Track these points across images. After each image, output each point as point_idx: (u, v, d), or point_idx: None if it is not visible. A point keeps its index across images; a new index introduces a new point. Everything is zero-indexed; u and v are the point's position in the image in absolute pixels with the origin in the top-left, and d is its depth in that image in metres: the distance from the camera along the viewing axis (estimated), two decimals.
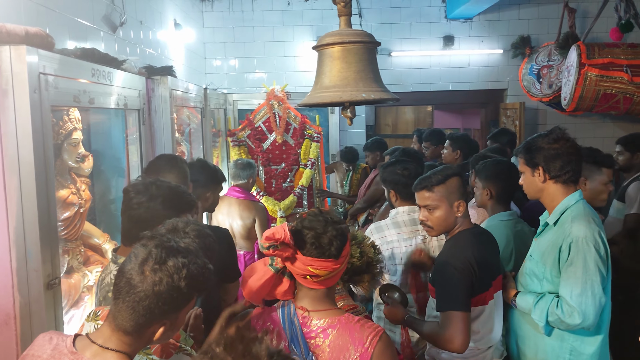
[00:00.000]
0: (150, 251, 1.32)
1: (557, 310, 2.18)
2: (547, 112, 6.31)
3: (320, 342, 1.62)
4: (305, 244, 1.60)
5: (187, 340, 1.70)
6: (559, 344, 2.28)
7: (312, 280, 1.63)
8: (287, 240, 1.57)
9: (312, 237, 1.60)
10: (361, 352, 1.59)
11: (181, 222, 1.75)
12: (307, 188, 5.49)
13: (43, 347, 1.38)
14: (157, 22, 4.25)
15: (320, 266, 1.60)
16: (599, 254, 2.16)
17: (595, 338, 2.26)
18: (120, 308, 1.31)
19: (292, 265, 1.63)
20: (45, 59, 1.91)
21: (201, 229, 1.76)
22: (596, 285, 2.14)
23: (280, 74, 6.16)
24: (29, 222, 1.84)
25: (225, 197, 3.96)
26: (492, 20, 6.26)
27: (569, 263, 2.18)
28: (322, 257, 1.60)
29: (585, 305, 2.12)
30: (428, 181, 2.31)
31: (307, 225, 1.63)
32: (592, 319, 2.14)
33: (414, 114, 8.88)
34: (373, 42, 2.38)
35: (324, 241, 1.59)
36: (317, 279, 1.63)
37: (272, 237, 1.57)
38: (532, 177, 2.35)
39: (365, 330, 1.63)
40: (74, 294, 2.43)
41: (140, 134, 2.90)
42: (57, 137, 2.34)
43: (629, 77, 4.86)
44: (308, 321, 1.65)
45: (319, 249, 1.59)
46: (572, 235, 2.19)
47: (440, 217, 2.30)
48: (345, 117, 2.38)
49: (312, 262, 1.60)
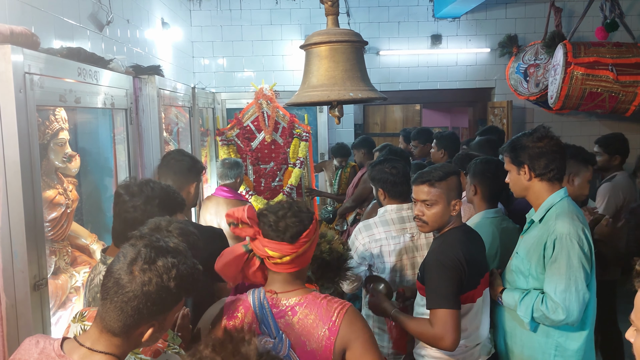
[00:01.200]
0: (139, 251, 1.30)
1: (542, 307, 2.20)
2: (534, 110, 6.36)
3: (289, 320, 1.69)
4: (265, 226, 1.69)
5: (175, 339, 1.69)
6: (545, 340, 2.31)
7: (272, 263, 1.71)
8: (244, 220, 1.67)
9: (271, 221, 1.68)
10: (329, 325, 1.67)
11: (164, 221, 1.74)
12: (296, 187, 5.49)
13: (30, 351, 1.36)
14: (144, 20, 4.22)
15: (276, 248, 1.67)
16: (582, 250, 2.19)
17: (579, 334, 2.28)
18: (108, 309, 1.29)
19: (254, 245, 1.72)
20: (30, 58, 1.90)
21: (184, 227, 1.74)
22: (580, 281, 2.16)
23: (268, 73, 6.15)
24: (15, 222, 1.83)
25: (213, 196, 3.95)
26: (480, 19, 6.30)
27: (553, 260, 2.21)
28: (276, 239, 1.67)
29: (569, 301, 2.15)
30: (430, 176, 2.30)
31: (270, 209, 1.73)
32: (576, 315, 2.16)
33: (402, 113, 8.90)
34: (361, 41, 2.38)
35: (280, 225, 1.67)
36: (274, 260, 1.70)
37: (232, 214, 1.69)
38: (517, 175, 2.37)
39: (332, 304, 1.71)
40: (61, 295, 2.41)
41: (128, 133, 2.89)
42: (43, 137, 2.33)
43: (614, 76, 4.90)
44: (277, 302, 1.73)
45: (275, 232, 1.67)
46: (556, 232, 2.22)
47: (436, 214, 2.30)
48: (333, 116, 2.38)
49: (268, 243, 1.68)
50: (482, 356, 2.40)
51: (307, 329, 1.67)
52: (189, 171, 2.76)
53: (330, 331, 1.66)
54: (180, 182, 2.70)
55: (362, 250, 2.74)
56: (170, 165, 2.76)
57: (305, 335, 1.67)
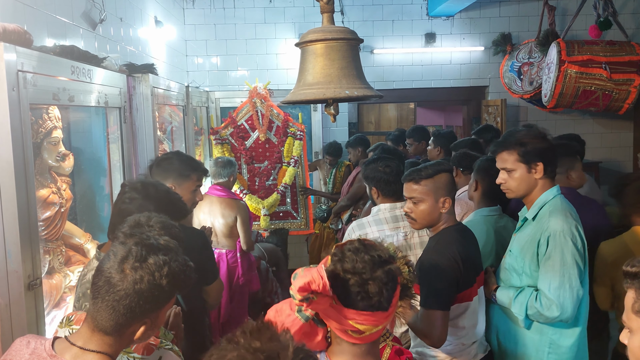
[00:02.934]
0: (130, 249, 1.29)
1: (536, 304, 2.20)
2: (528, 108, 6.37)
3: None
4: (348, 293, 1.29)
5: (167, 334, 1.68)
6: (539, 338, 2.31)
7: (354, 335, 1.34)
8: (326, 291, 1.25)
9: (357, 285, 1.29)
10: None
11: (143, 217, 1.71)
12: (291, 186, 5.49)
13: (20, 351, 1.35)
14: (138, 19, 4.20)
15: (366, 320, 1.30)
16: (576, 247, 2.19)
17: (573, 330, 2.29)
18: (99, 308, 1.28)
19: (328, 318, 1.33)
20: (23, 56, 1.88)
21: (165, 221, 1.72)
22: (574, 278, 2.17)
23: (262, 72, 6.13)
24: (9, 222, 1.81)
25: (206, 195, 3.94)
26: (474, 17, 6.31)
27: (547, 257, 2.21)
28: (369, 309, 1.29)
29: (564, 298, 2.15)
30: (417, 174, 2.30)
31: (349, 268, 1.30)
32: (570, 312, 2.17)
33: (396, 112, 8.92)
34: (356, 39, 2.38)
35: (371, 290, 1.28)
36: (361, 335, 1.33)
37: (308, 287, 1.24)
38: (527, 173, 2.32)
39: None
40: (56, 295, 2.40)
41: (122, 132, 2.87)
42: (37, 135, 2.31)
43: (608, 74, 4.92)
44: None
45: (365, 301, 1.29)
46: (549, 229, 2.22)
47: (424, 211, 2.30)
48: (328, 114, 2.38)
49: (355, 315, 1.29)
50: (478, 354, 2.40)
51: None
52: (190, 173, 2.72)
53: None
54: (179, 183, 2.67)
55: None
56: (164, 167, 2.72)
57: None
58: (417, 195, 2.29)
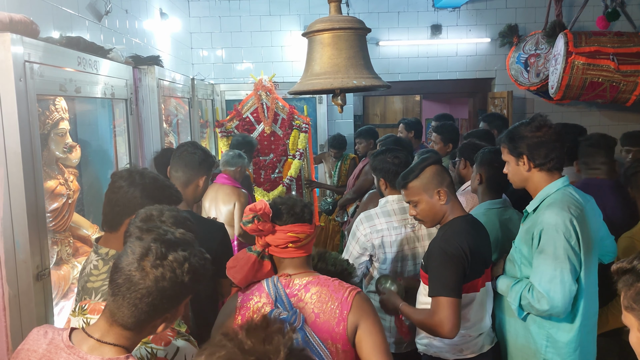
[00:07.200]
0: (148, 246, 1.28)
1: (529, 295, 2.19)
2: (535, 100, 6.34)
3: (302, 297, 1.76)
4: (282, 215, 1.79)
5: (181, 325, 1.68)
6: (537, 331, 2.29)
7: (293, 247, 1.80)
8: (267, 210, 1.75)
9: (287, 208, 1.80)
10: (341, 300, 1.73)
11: (155, 210, 1.71)
12: (296, 179, 5.48)
13: (38, 341, 1.35)
14: (143, 11, 4.19)
15: (300, 230, 1.78)
16: (569, 242, 2.15)
17: (570, 326, 2.25)
18: (120, 305, 1.27)
19: (273, 237, 1.79)
20: (30, 46, 1.88)
21: (178, 215, 1.72)
22: (566, 273, 2.13)
23: (267, 64, 6.12)
24: (17, 213, 1.81)
25: (214, 184, 3.96)
26: (480, 9, 6.27)
27: (540, 250, 2.19)
28: (299, 221, 1.79)
29: (554, 292, 2.13)
30: (404, 179, 2.35)
31: (279, 201, 1.83)
32: (561, 307, 2.14)
33: (402, 104, 8.89)
34: (364, 28, 2.36)
35: (297, 209, 1.80)
36: (298, 243, 1.80)
37: (254, 208, 1.74)
38: (516, 166, 2.34)
39: (343, 285, 1.79)
40: (64, 286, 2.41)
41: (128, 124, 2.87)
42: (44, 127, 2.31)
43: (615, 66, 4.88)
44: (290, 282, 1.80)
45: (295, 216, 1.79)
46: (543, 222, 2.20)
47: (425, 210, 2.32)
48: (335, 105, 2.36)
49: (291, 227, 1.78)
50: (485, 345, 2.40)
51: (320, 303, 1.74)
52: (200, 165, 2.73)
53: (342, 305, 1.73)
54: (190, 174, 2.68)
55: (363, 240, 2.73)
56: (183, 157, 2.73)
57: (318, 308, 1.74)
58: (412, 198, 2.34)
